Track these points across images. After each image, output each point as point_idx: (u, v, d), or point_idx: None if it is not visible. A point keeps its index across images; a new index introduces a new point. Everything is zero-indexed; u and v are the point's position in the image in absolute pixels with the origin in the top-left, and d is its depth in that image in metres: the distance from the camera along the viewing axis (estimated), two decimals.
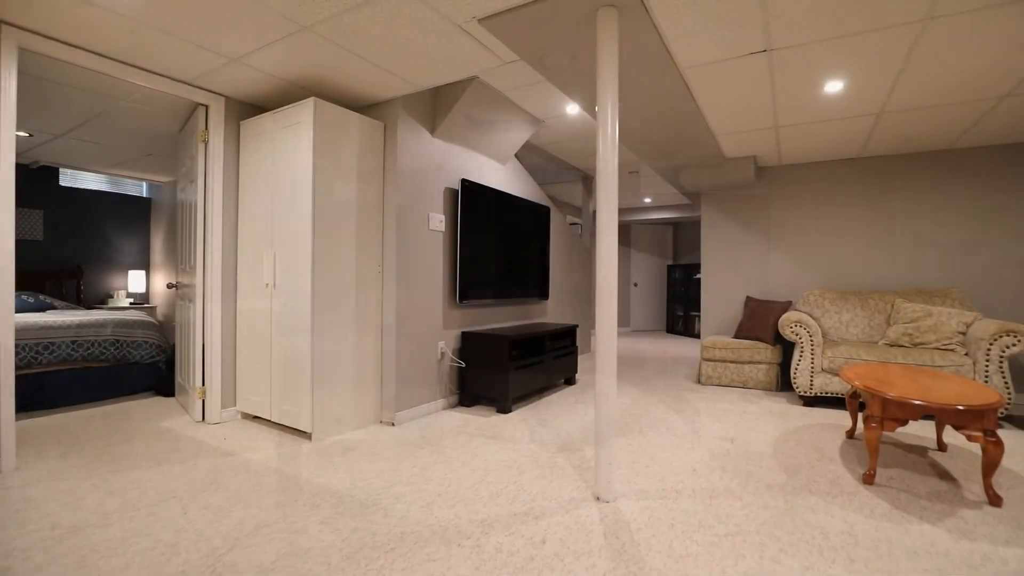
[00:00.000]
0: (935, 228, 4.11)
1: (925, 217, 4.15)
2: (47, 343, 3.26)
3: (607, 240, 2.02)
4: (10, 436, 2.26)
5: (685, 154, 4.36)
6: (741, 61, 2.55)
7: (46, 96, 3.14)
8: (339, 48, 2.43)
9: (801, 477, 2.27)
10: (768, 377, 4.10)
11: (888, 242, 4.28)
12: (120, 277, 5.53)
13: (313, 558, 1.58)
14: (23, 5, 2.09)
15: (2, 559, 1.56)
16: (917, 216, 4.18)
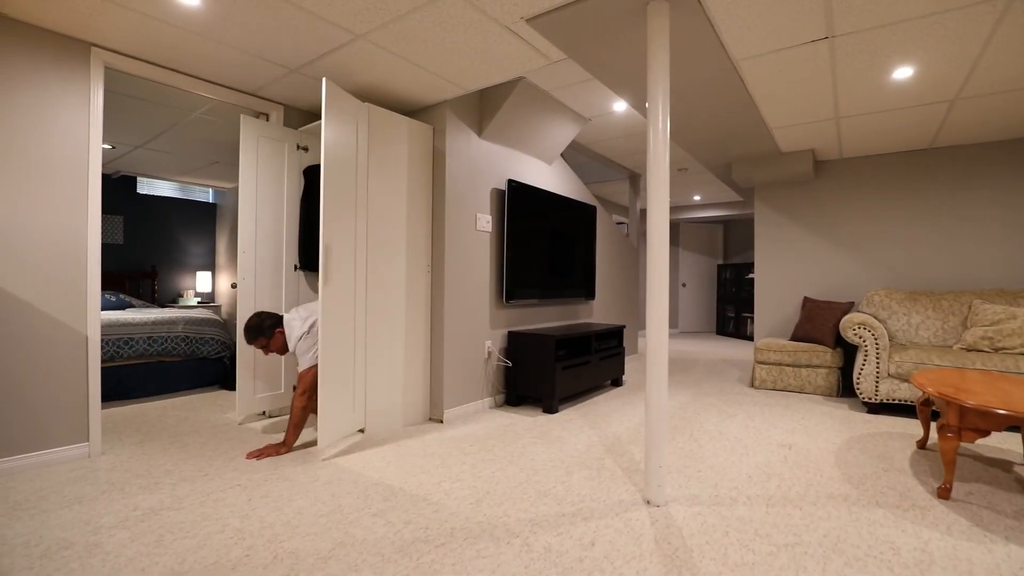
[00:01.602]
0: (1020, 222, 3.78)
1: (1008, 210, 3.82)
2: (127, 338, 3.53)
3: (658, 239, 1.98)
4: (97, 423, 2.47)
5: (738, 149, 4.21)
6: (800, 50, 2.43)
7: (126, 110, 3.40)
8: (391, 55, 2.50)
9: (867, 488, 2.14)
10: (828, 382, 3.90)
11: (964, 239, 3.97)
12: (189, 278, 5.92)
13: (367, 549, 1.64)
14: (109, 28, 2.28)
15: (92, 535, 1.70)
16: (998, 210, 3.85)
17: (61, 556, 1.57)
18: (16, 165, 2.24)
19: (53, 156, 2.34)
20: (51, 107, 2.33)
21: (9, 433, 2.23)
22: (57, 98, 2.35)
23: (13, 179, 2.24)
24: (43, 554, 1.58)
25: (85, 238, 2.44)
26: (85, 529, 1.74)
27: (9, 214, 2.23)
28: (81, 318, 2.43)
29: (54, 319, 2.35)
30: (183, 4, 2.07)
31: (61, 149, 2.36)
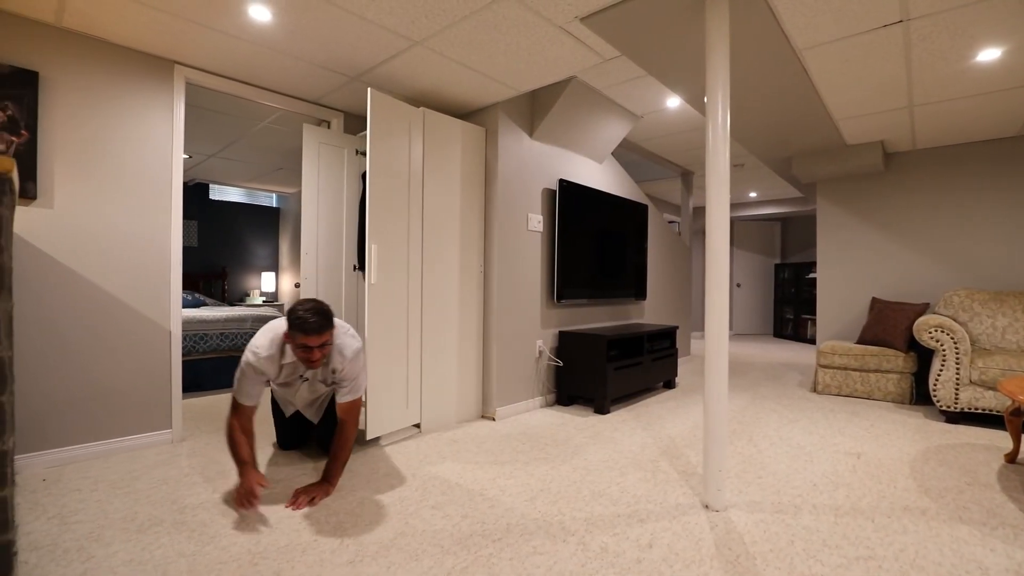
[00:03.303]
0: None
1: None
2: (202, 334, 3.79)
3: (718, 238, 1.94)
4: (179, 412, 2.67)
5: (799, 143, 4.03)
6: (871, 36, 2.31)
7: (202, 122, 3.66)
8: (446, 59, 2.57)
9: (948, 502, 2.00)
10: (899, 388, 3.66)
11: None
12: (255, 278, 6.28)
13: (427, 540, 1.69)
14: (191, 46, 2.46)
15: (178, 513, 1.85)
16: None
17: (153, 531, 1.72)
18: (109, 174, 2.46)
19: (141, 166, 2.55)
20: (140, 120, 2.54)
21: (107, 418, 2.45)
22: (145, 112, 2.56)
23: (107, 187, 2.46)
24: (138, 528, 1.74)
25: (169, 241, 2.65)
26: (172, 508, 1.89)
27: (103, 219, 2.45)
28: (165, 315, 2.63)
29: (144, 316, 2.56)
30: (256, 21, 2.21)
31: (148, 159, 2.57)
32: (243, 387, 2.00)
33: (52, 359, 2.31)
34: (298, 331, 1.90)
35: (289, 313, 1.94)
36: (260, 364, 1.99)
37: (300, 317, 1.90)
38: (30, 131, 2.22)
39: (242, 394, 2.00)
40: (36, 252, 2.27)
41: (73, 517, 1.82)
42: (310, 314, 1.90)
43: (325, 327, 1.92)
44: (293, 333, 1.92)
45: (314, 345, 1.92)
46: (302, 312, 1.91)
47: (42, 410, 2.29)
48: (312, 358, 1.95)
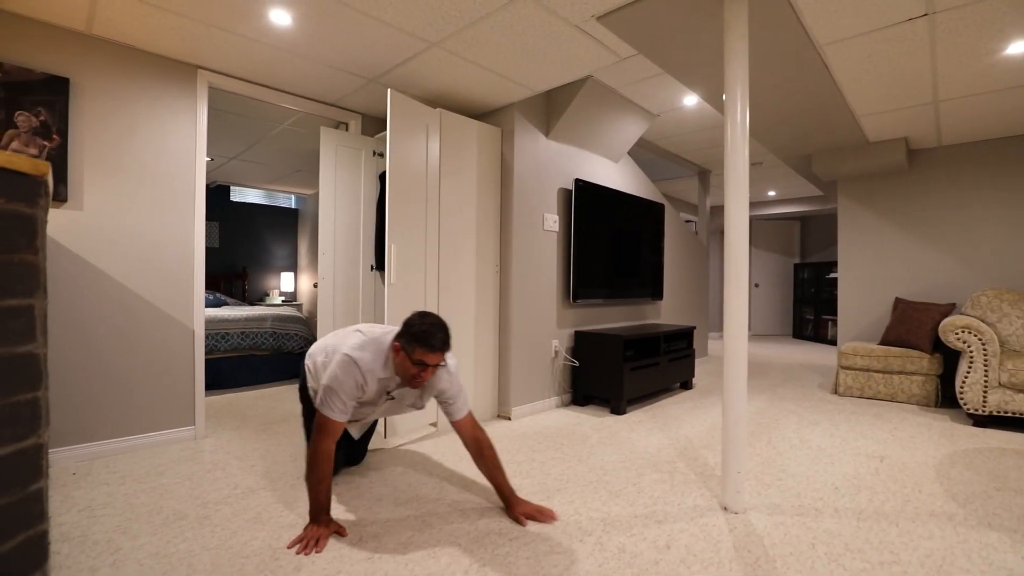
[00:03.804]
0: None
1: None
2: (223, 333, 3.87)
3: (737, 237, 1.92)
4: (202, 409, 2.73)
5: (819, 141, 3.96)
6: (895, 30, 2.26)
7: (224, 126, 3.73)
8: (463, 60, 2.58)
9: (976, 507, 1.95)
10: (924, 390, 3.57)
11: None
12: (274, 278, 6.38)
13: (445, 538, 1.70)
14: (214, 51, 2.52)
15: (201, 508, 1.89)
16: None
17: (177, 525, 1.76)
18: (136, 177, 2.53)
19: (166, 169, 2.62)
20: (164, 124, 2.61)
21: (133, 415, 2.52)
22: (169, 116, 2.62)
23: (133, 190, 2.52)
24: (163, 522, 1.78)
25: (192, 242, 2.71)
26: (195, 503, 1.94)
27: (131, 221, 2.51)
28: (189, 314, 2.69)
29: (168, 315, 2.62)
30: (277, 25, 2.25)
31: (172, 162, 2.64)
32: (337, 401, 1.73)
33: (81, 357, 2.38)
34: (422, 345, 1.70)
35: (411, 325, 1.75)
36: (360, 377, 1.75)
37: (427, 331, 1.71)
38: (61, 136, 2.29)
39: (335, 409, 1.73)
40: (67, 253, 2.34)
41: (102, 510, 1.87)
42: (437, 329, 1.73)
43: (448, 346, 1.77)
44: (412, 347, 1.71)
45: (432, 363, 1.73)
46: (428, 326, 1.73)
47: (72, 406, 2.36)
48: (423, 376, 1.76)
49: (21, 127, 2.21)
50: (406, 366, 1.75)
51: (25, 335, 0.89)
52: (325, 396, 1.74)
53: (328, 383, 1.75)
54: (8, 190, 0.86)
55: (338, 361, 1.76)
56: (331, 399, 1.73)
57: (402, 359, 1.75)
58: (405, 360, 1.74)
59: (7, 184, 0.86)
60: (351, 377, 1.74)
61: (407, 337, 1.74)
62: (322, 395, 1.75)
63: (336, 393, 1.73)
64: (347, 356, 1.75)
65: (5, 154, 0.84)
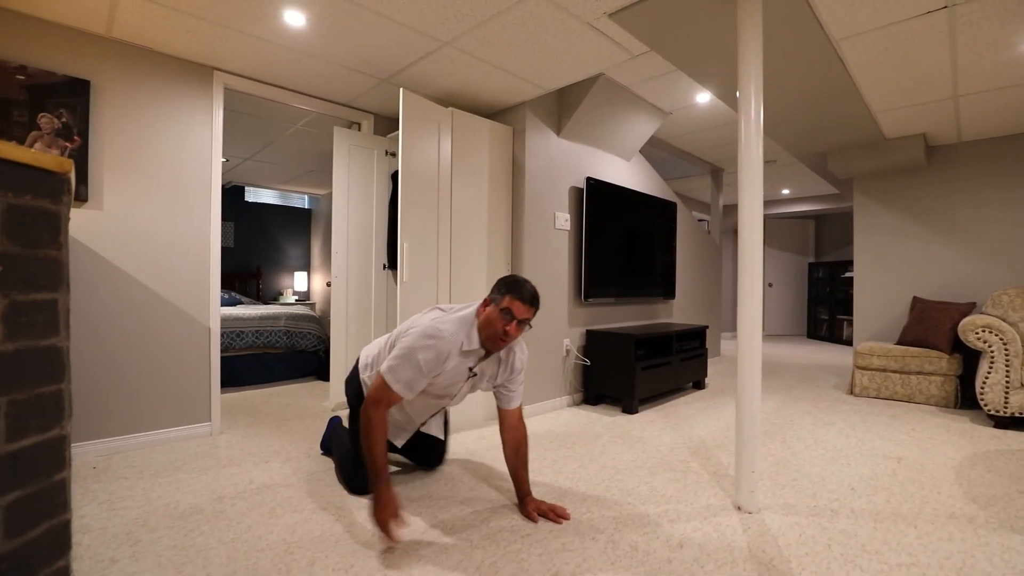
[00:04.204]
0: None
1: None
2: (238, 331, 3.92)
3: (751, 236, 1.90)
4: (217, 406, 2.77)
5: (835, 138, 3.91)
6: (913, 23, 2.22)
7: (239, 127, 3.78)
8: (474, 59, 2.59)
9: (997, 510, 1.91)
10: (943, 391, 3.51)
11: None
12: (288, 277, 6.45)
13: (457, 534, 1.71)
14: (229, 52, 2.55)
15: (217, 503, 1.92)
16: None
17: (194, 519, 1.79)
18: (154, 178, 2.57)
19: (183, 169, 2.66)
20: (181, 126, 2.65)
21: (150, 411, 2.56)
22: (186, 117, 2.66)
23: (151, 190, 2.57)
24: (180, 516, 1.81)
25: (208, 241, 2.75)
26: (211, 497, 1.97)
27: (149, 221, 2.56)
28: (205, 312, 2.74)
29: (186, 313, 2.67)
30: (291, 25, 2.28)
31: (189, 163, 2.68)
32: (408, 371, 1.64)
33: (101, 354, 2.43)
34: (512, 293, 1.68)
35: (503, 280, 1.75)
36: (444, 347, 1.66)
37: (518, 282, 1.72)
38: (82, 137, 2.34)
39: (401, 380, 1.64)
40: (87, 252, 2.39)
41: (121, 503, 1.91)
42: (528, 284, 1.73)
43: (537, 304, 1.74)
44: (502, 295, 1.69)
45: (520, 316, 1.68)
46: (520, 279, 1.74)
47: (92, 402, 2.40)
48: (509, 332, 1.69)
49: (44, 129, 2.26)
50: (491, 320, 1.69)
51: (49, 328, 0.92)
52: (395, 363, 1.63)
53: (403, 352, 1.64)
54: (34, 187, 0.88)
55: (419, 332, 1.67)
56: (402, 368, 1.64)
57: (489, 313, 1.71)
58: (492, 313, 1.70)
59: (33, 181, 0.88)
60: (431, 350, 1.65)
61: (498, 287, 1.73)
62: (391, 362, 1.64)
63: (409, 362, 1.63)
64: (429, 328, 1.67)
65: (31, 152, 0.86)
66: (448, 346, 1.67)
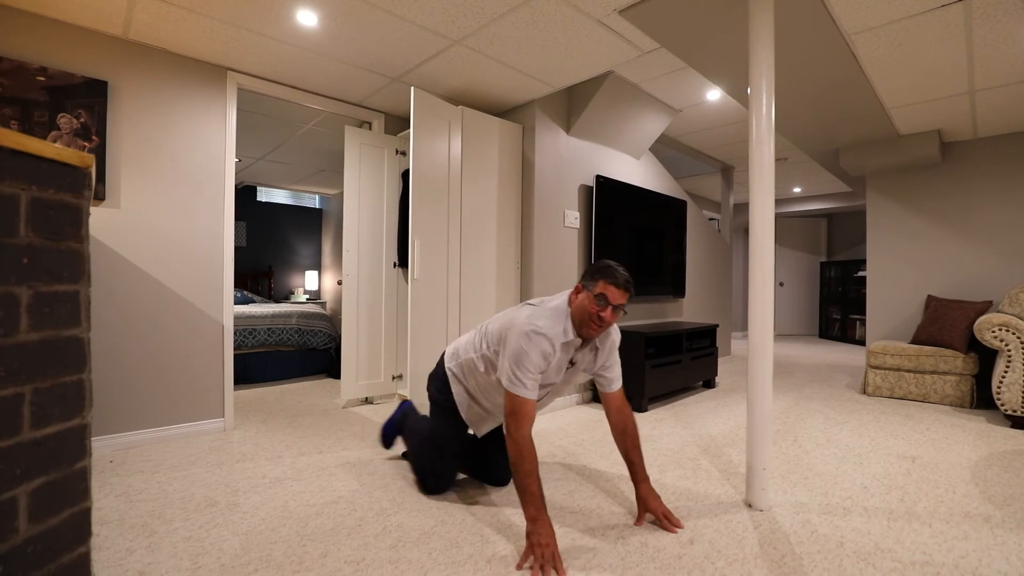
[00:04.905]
0: None
1: None
2: (251, 329, 3.97)
3: (762, 234, 1.89)
4: (231, 402, 2.80)
5: (847, 135, 3.87)
6: (927, 17, 2.20)
7: (252, 127, 3.82)
8: (484, 57, 2.60)
9: (1014, 510, 1.88)
10: (958, 391, 3.46)
11: None
12: (299, 276, 6.51)
13: (467, 528, 1.72)
14: (242, 53, 2.59)
15: (231, 496, 1.95)
16: None
17: (208, 512, 1.82)
18: (169, 177, 2.62)
19: (197, 169, 2.70)
20: (195, 125, 2.69)
21: (166, 406, 2.60)
22: (200, 118, 2.70)
23: (167, 189, 2.61)
24: (195, 508, 1.84)
25: (222, 240, 2.79)
26: (226, 491, 2.00)
27: (164, 219, 2.60)
28: (219, 310, 2.77)
29: (199, 311, 2.71)
30: (303, 25, 2.31)
31: (204, 163, 2.72)
32: (527, 375, 1.61)
33: (117, 350, 2.47)
34: (606, 277, 1.64)
35: (594, 265, 1.72)
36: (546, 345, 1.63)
37: (611, 266, 1.67)
38: (100, 137, 2.39)
39: (526, 384, 1.60)
40: (105, 249, 2.44)
41: (137, 496, 1.94)
42: (621, 268, 1.68)
43: (631, 290, 1.68)
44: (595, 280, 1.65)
45: (614, 302, 1.64)
46: (613, 263, 1.69)
47: (109, 397, 2.45)
48: (604, 318, 1.65)
49: (63, 129, 2.31)
50: (585, 307, 1.66)
51: (71, 319, 0.94)
52: (511, 371, 1.61)
53: (512, 359, 1.62)
54: (57, 181, 0.90)
55: (518, 334, 1.64)
56: (519, 374, 1.60)
57: (582, 299, 1.67)
58: (585, 299, 1.66)
59: (56, 175, 0.90)
60: (536, 347, 1.61)
61: (589, 273, 1.69)
62: (509, 374, 1.62)
63: (523, 366, 1.60)
64: (527, 327, 1.63)
65: (55, 147, 0.89)
66: (550, 342, 1.64)
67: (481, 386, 1.90)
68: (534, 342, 1.62)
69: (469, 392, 1.95)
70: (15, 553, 0.84)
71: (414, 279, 2.64)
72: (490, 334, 1.83)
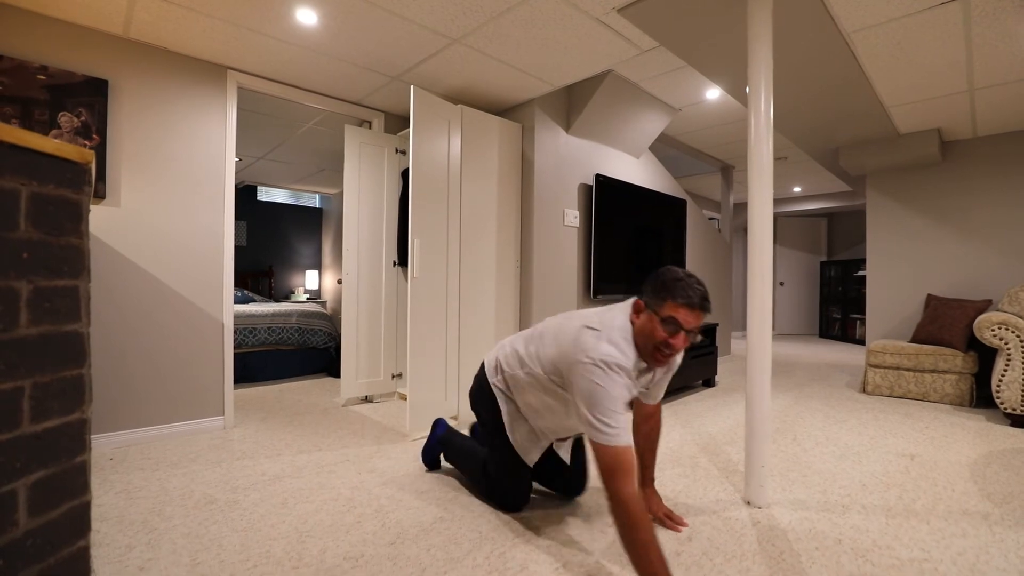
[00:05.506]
0: None
1: None
2: (251, 328, 3.97)
3: (761, 233, 1.89)
4: (231, 400, 2.81)
5: (847, 134, 3.87)
6: (927, 15, 2.20)
7: (252, 126, 3.83)
8: (484, 56, 2.61)
9: (1013, 507, 1.89)
10: (958, 389, 3.46)
11: None
12: (299, 276, 6.52)
13: (466, 525, 1.72)
14: (242, 52, 2.59)
15: (231, 493, 1.95)
16: None
17: (208, 509, 1.82)
18: (169, 176, 2.62)
19: (197, 168, 2.70)
20: (195, 124, 2.70)
21: (166, 404, 2.61)
22: (201, 117, 2.71)
23: (167, 188, 2.62)
24: (195, 505, 1.84)
25: (222, 239, 2.79)
26: (225, 488, 2.00)
27: (164, 218, 2.61)
28: (219, 308, 2.78)
29: (200, 309, 2.71)
30: (303, 24, 2.31)
31: (204, 162, 2.72)
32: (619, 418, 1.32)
33: (117, 348, 2.48)
34: (675, 297, 1.36)
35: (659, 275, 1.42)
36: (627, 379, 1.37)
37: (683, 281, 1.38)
38: (100, 135, 2.40)
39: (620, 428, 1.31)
40: (105, 248, 2.44)
41: (137, 493, 1.95)
42: (695, 282, 1.38)
43: (709, 307, 1.40)
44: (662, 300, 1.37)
45: (688, 327, 1.37)
46: (684, 275, 1.39)
47: (109, 395, 2.45)
48: (673, 346, 1.39)
49: (64, 127, 2.31)
50: (649, 331, 1.39)
51: (71, 314, 0.94)
52: (597, 421, 1.32)
53: (590, 402, 1.33)
54: (57, 176, 0.91)
55: (590, 371, 1.35)
56: (606, 419, 1.31)
57: (644, 321, 1.40)
58: (649, 322, 1.39)
59: (56, 171, 0.91)
60: (616, 384, 1.34)
61: (654, 288, 1.39)
62: (593, 422, 1.32)
63: (613, 411, 1.32)
64: (598, 359, 1.36)
65: (55, 142, 0.89)
66: (627, 374, 1.37)
67: (532, 405, 1.70)
68: (611, 378, 1.34)
69: (519, 411, 1.76)
70: (14, 546, 0.84)
71: (414, 278, 2.65)
72: (543, 358, 1.59)
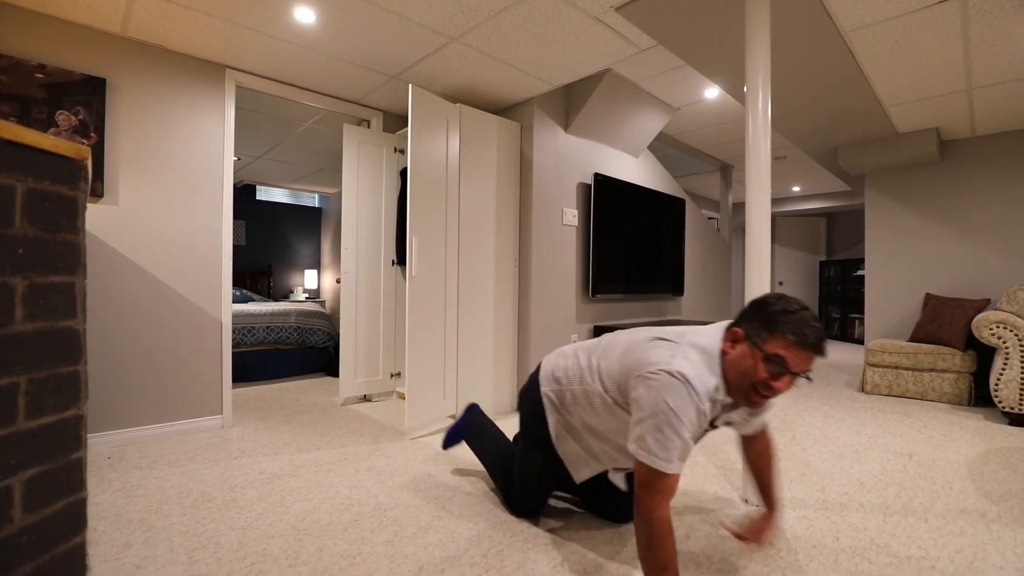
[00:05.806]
0: None
1: None
2: (249, 327, 3.97)
3: (759, 232, 1.89)
4: (229, 399, 2.81)
5: (846, 133, 3.87)
6: (925, 13, 2.20)
7: (251, 125, 3.83)
8: (482, 55, 2.61)
9: (1011, 506, 1.89)
10: (956, 388, 3.46)
11: None
12: (298, 275, 6.52)
13: (464, 523, 1.72)
14: (241, 50, 2.59)
15: (229, 491, 1.95)
16: None
17: (206, 507, 1.82)
18: (168, 175, 2.62)
19: (196, 167, 2.70)
20: (194, 123, 2.69)
21: (164, 403, 2.61)
22: (199, 115, 2.71)
23: (165, 187, 2.61)
24: (192, 504, 1.84)
25: (220, 238, 2.79)
26: (223, 486, 2.00)
27: (163, 217, 2.61)
28: (217, 308, 2.78)
29: (198, 308, 2.71)
30: (302, 23, 2.31)
31: (202, 161, 2.72)
32: (677, 442, 1.17)
33: (116, 347, 2.48)
34: (792, 334, 1.16)
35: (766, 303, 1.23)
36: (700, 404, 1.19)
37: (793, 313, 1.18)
38: (98, 134, 2.39)
39: (673, 453, 1.17)
40: (103, 246, 2.44)
41: (135, 491, 1.94)
42: (812, 319, 1.17)
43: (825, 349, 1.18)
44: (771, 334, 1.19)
45: (797, 370, 1.17)
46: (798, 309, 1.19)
47: (107, 394, 2.45)
48: (774, 388, 1.19)
49: (62, 126, 2.31)
50: (746, 367, 1.21)
51: (66, 311, 0.94)
52: (651, 437, 1.18)
53: (660, 418, 1.17)
54: (53, 173, 0.91)
55: (663, 383, 1.19)
56: (669, 440, 1.16)
57: (741, 355, 1.22)
58: (748, 358, 1.21)
59: (52, 167, 0.91)
60: (690, 404, 1.18)
61: (758, 317, 1.21)
62: (652, 440, 1.17)
63: (675, 430, 1.16)
64: (676, 373, 1.19)
65: (51, 138, 0.89)
66: (703, 401, 1.20)
67: (586, 423, 1.54)
68: (681, 394, 1.17)
69: (571, 426, 1.59)
70: (10, 542, 0.84)
71: (412, 276, 2.65)
72: (604, 372, 1.43)
